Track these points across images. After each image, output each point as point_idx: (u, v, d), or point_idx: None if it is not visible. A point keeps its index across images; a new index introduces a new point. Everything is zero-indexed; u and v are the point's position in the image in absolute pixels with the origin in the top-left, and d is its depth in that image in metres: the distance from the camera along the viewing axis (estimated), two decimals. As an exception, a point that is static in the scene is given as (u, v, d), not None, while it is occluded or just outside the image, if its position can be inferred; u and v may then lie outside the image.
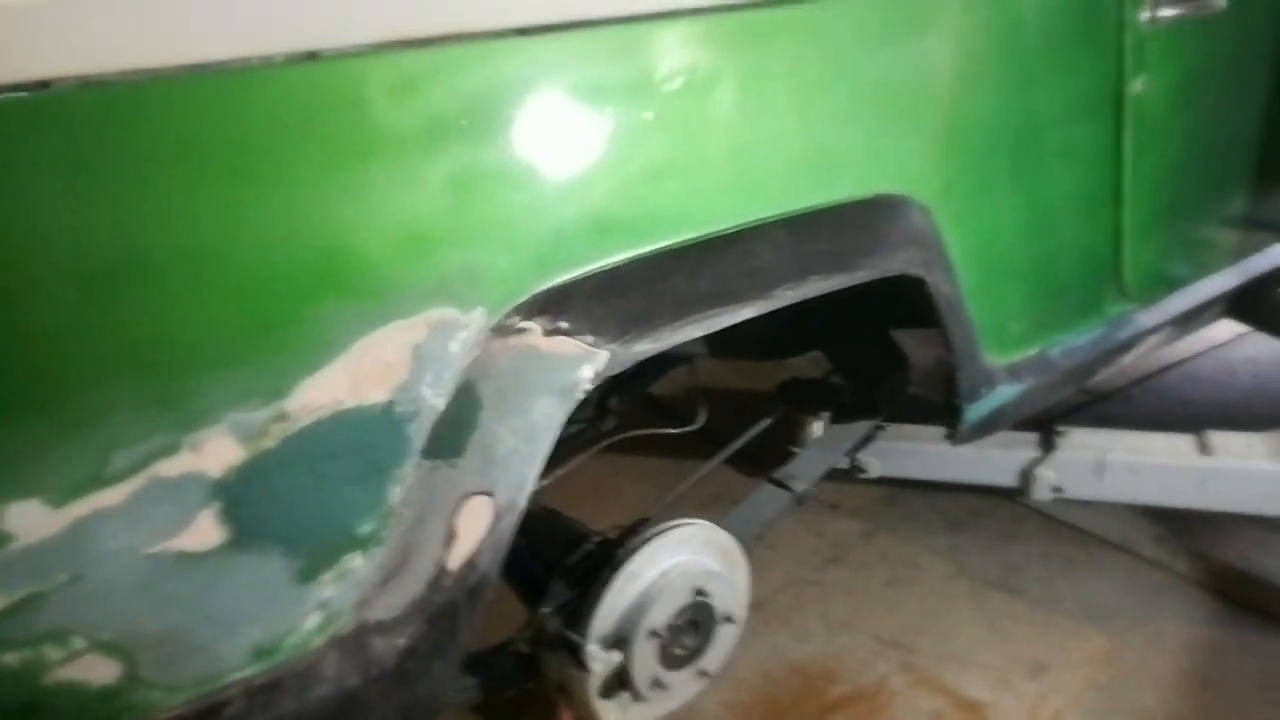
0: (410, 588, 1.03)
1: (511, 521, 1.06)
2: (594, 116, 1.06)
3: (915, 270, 1.37)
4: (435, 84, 0.95)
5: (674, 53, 1.10)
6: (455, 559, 1.04)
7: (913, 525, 2.32)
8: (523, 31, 0.98)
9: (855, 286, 1.33)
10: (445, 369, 1.01)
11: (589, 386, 1.06)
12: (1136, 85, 1.62)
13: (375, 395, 0.97)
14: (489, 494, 1.04)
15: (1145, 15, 1.61)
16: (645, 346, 1.10)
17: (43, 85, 0.76)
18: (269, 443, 0.92)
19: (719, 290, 1.17)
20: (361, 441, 0.98)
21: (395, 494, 1.01)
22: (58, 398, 0.83)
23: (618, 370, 1.08)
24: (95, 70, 0.78)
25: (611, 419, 2.04)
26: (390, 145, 0.93)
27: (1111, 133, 1.64)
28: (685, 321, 1.13)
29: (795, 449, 2.11)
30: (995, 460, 2.00)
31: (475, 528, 1.04)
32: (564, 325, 1.06)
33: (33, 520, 0.83)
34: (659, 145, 1.11)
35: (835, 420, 1.95)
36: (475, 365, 1.02)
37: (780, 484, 1.76)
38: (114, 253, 0.82)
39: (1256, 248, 2.15)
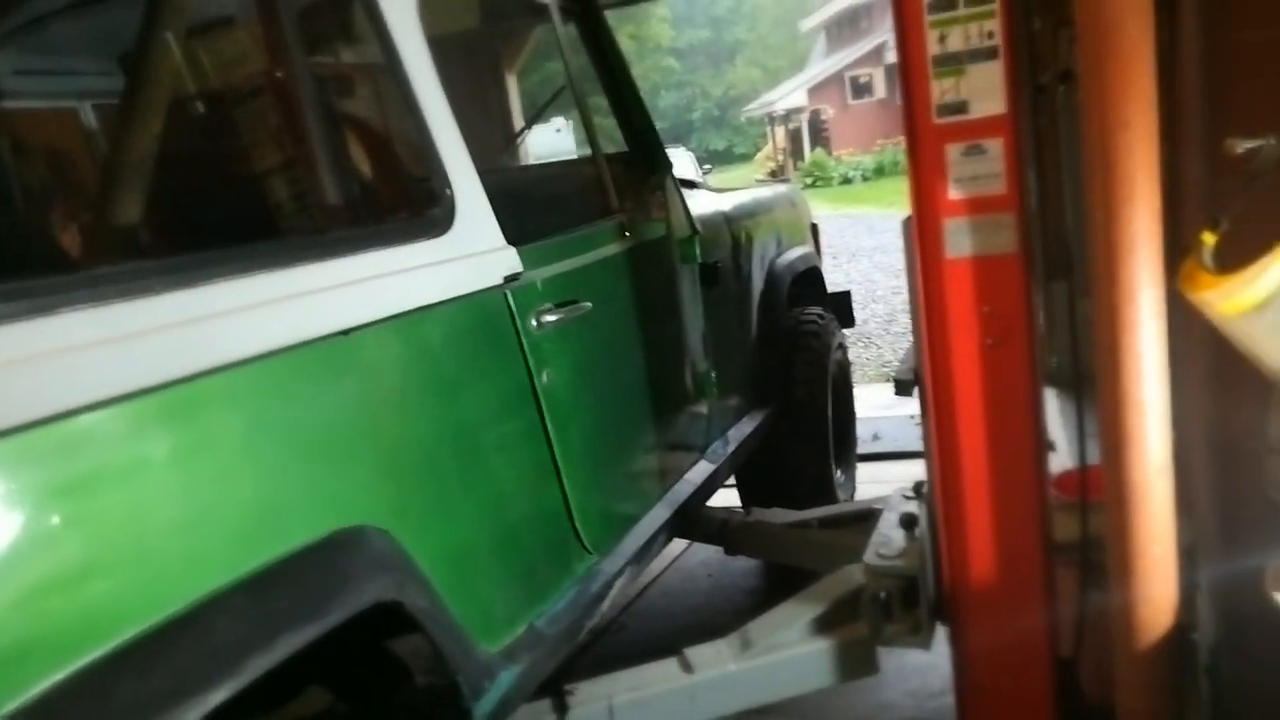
0: None
1: None
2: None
3: (389, 595, 1.40)
4: None
5: (80, 447, 1.06)
6: None
7: None
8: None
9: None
10: None
11: None
12: (543, 378, 1.89)
13: None
14: None
15: (534, 323, 1.90)
16: None
17: None
18: None
19: (182, 684, 1.09)
20: None
21: None
22: None
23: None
24: None
25: None
26: None
27: (535, 420, 1.88)
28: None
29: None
30: (520, 743, 2.03)
31: None
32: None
33: None
34: (76, 545, 1.04)
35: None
36: None
37: None
38: None
39: (676, 479, 2.55)
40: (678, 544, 3.45)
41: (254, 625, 1.19)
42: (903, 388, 2.06)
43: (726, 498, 3.21)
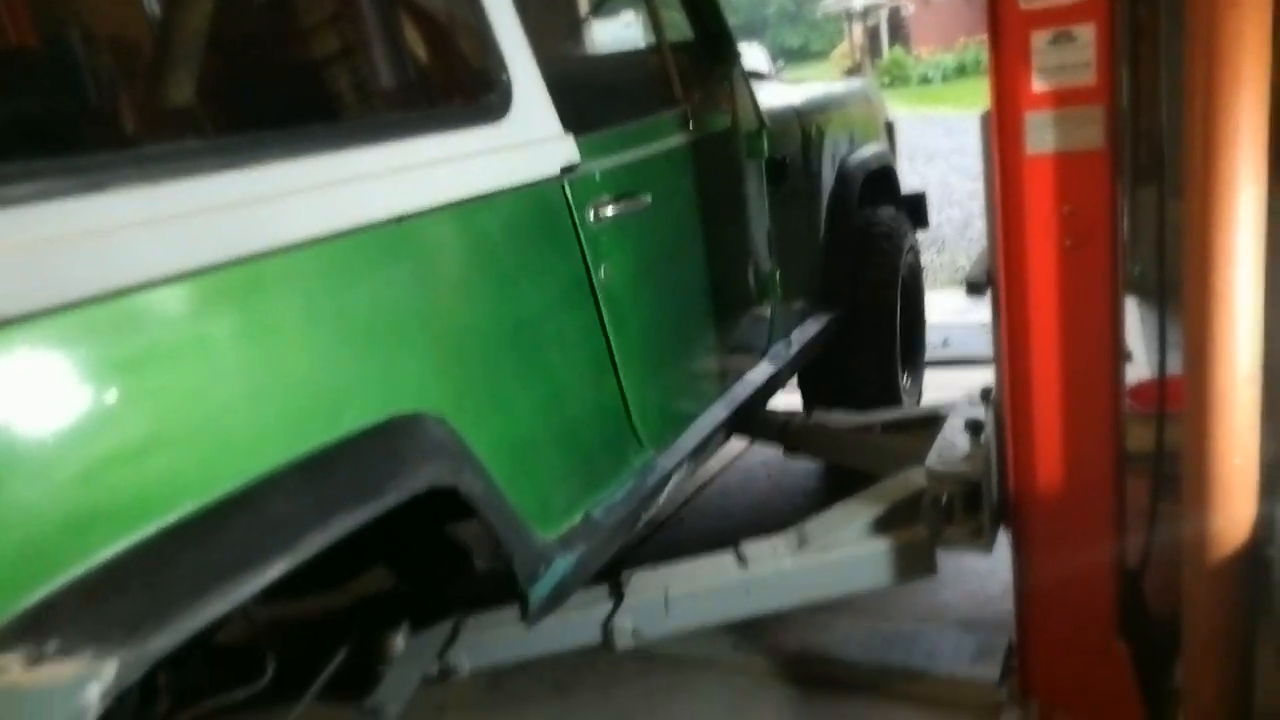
0: None
1: None
2: (56, 405, 0.99)
3: (445, 480, 1.41)
4: None
5: (146, 323, 1.07)
6: None
7: (521, 703, 2.33)
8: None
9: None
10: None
11: (102, 705, 0.94)
12: (601, 271, 1.86)
13: None
14: None
15: (591, 215, 1.86)
16: (163, 641, 1.01)
17: None
18: None
19: (240, 556, 1.11)
20: None
21: None
22: None
23: (139, 675, 0.98)
24: None
25: (164, 699, 1.82)
26: None
27: (592, 313, 1.86)
28: (207, 600, 1.06)
29: (381, 668, 2.03)
30: (575, 623, 2.08)
31: None
32: (52, 648, 0.94)
33: None
34: (142, 419, 1.06)
35: (414, 630, 1.92)
36: None
37: (374, 713, 1.68)
38: None
39: (736, 379, 2.52)
40: (737, 443, 3.45)
41: (311, 504, 1.21)
42: (975, 289, 1.99)
43: (789, 401, 3.19)
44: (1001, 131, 1.63)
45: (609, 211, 1.89)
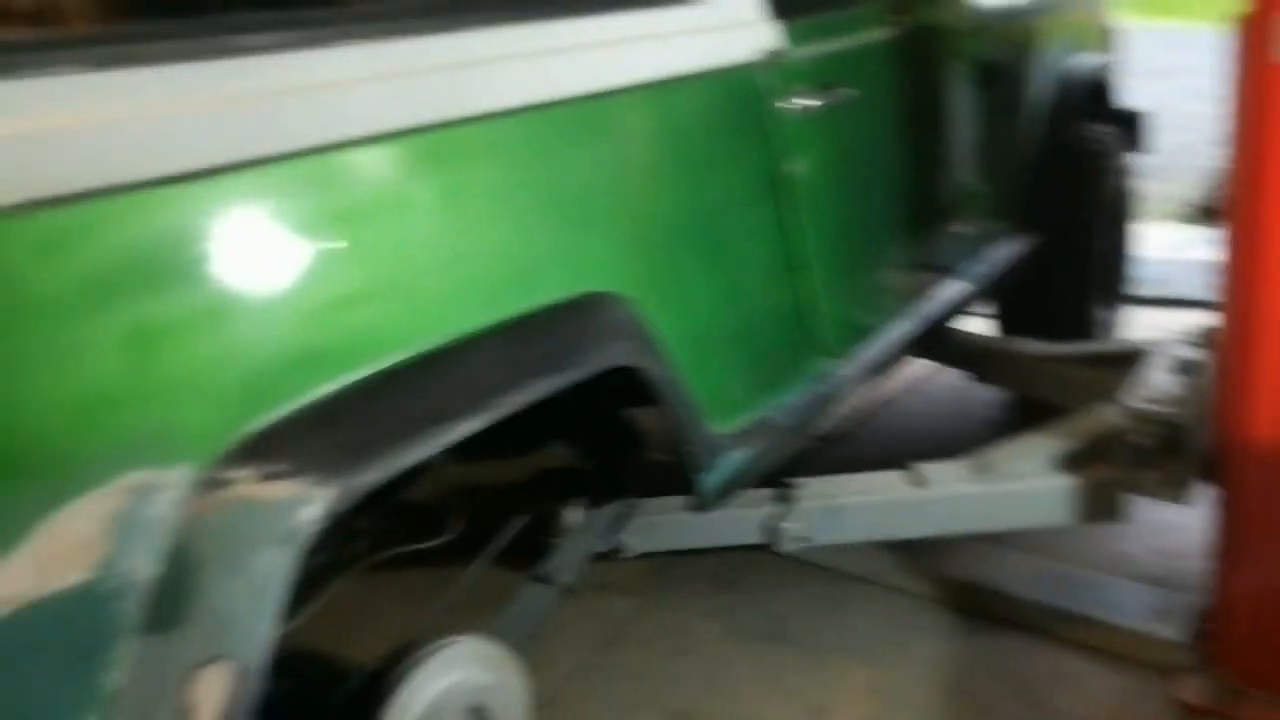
0: None
1: (253, 682, 1.01)
2: (280, 250, 1.06)
3: (630, 360, 1.44)
4: (90, 241, 0.92)
5: (359, 178, 1.13)
6: (196, 732, 0.97)
7: (683, 592, 2.39)
8: (188, 177, 0.97)
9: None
10: (152, 535, 0.95)
11: (316, 528, 1.04)
12: (793, 166, 1.81)
13: (72, 577, 0.90)
14: (223, 659, 0.99)
15: (789, 106, 1.80)
16: (370, 477, 1.08)
17: None
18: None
19: (439, 408, 1.18)
20: (64, 629, 0.91)
21: (113, 679, 0.94)
22: None
23: (348, 505, 1.06)
24: None
25: (363, 540, 1.98)
26: (47, 311, 0.89)
27: (781, 210, 1.82)
28: (408, 445, 1.13)
29: (554, 540, 2.13)
30: (742, 520, 2.11)
31: (213, 698, 0.98)
32: (278, 469, 1.03)
33: None
34: (355, 270, 1.12)
35: (589, 507, 2.00)
36: (187, 526, 0.98)
37: (544, 580, 1.77)
38: None
39: (924, 295, 2.43)
40: (922, 366, 3.34)
41: (506, 367, 1.27)
42: (1199, 218, 1.83)
43: (981, 326, 3.06)
44: (1249, 37, 1.47)
45: (808, 103, 1.83)
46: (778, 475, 2.04)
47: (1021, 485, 1.99)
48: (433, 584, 2.18)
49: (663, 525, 2.15)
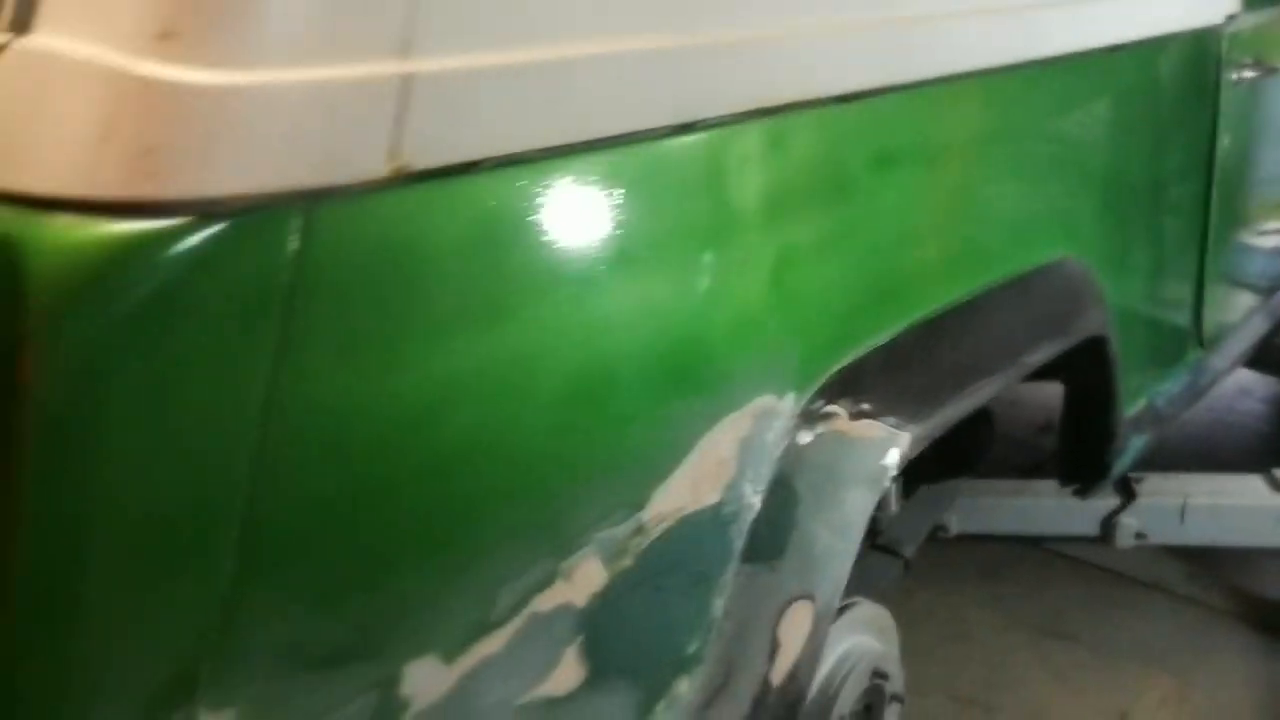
0: (734, 710, 0.93)
1: (827, 627, 0.98)
2: (888, 184, 1.02)
3: (1102, 331, 1.37)
4: (791, 151, 0.89)
5: (951, 117, 1.08)
6: (778, 673, 0.94)
7: (951, 577, 2.30)
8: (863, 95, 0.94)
9: None
10: (764, 463, 0.93)
11: (895, 473, 1.00)
12: (1224, 141, 1.71)
13: (710, 497, 0.88)
14: (809, 598, 0.95)
15: (1234, 77, 1.70)
16: (936, 424, 1.04)
17: (471, 166, 0.66)
18: (626, 562, 0.82)
19: (978, 361, 1.13)
20: (694, 550, 0.89)
21: (718, 605, 0.92)
22: (447, 536, 0.71)
23: (918, 451, 1.02)
24: (514, 149, 0.68)
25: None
26: (736, 221, 0.86)
27: (1205, 186, 1.72)
28: (963, 394, 1.09)
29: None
30: (1076, 511, 2.01)
31: (797, 636, 0.95)
32: (866, 407, 1.00)
33: (427, 679, 0.70)
34: (922, 210, 1.08)
35: (928, 480, 1.92)
36: (787, 457, 0.95)
37: (887, 550, 1.71)
38: (516, 356, 0.71)
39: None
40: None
41: (1021, 326, 1.21)
42: None
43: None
44: None
45: (1248, 74, 1.73)
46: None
47: None
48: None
49: (989, 508, 2.06)
